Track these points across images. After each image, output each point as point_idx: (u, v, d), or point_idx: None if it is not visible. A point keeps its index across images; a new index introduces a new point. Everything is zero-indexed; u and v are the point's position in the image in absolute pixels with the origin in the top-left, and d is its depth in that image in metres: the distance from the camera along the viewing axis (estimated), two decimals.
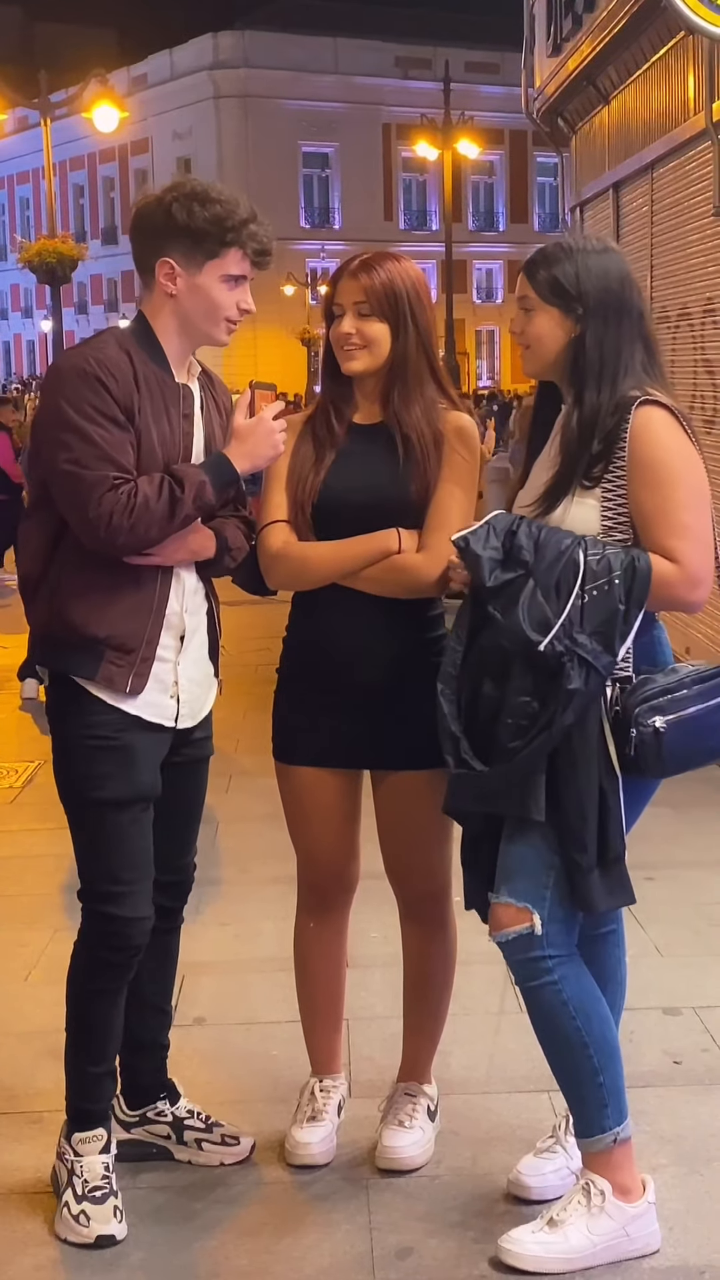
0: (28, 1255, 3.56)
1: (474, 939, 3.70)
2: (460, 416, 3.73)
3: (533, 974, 3.43)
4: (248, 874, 6.04)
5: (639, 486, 3.36)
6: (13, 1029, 4.71)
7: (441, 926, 3.94)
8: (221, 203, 3.51)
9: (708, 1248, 3.51)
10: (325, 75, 54.86)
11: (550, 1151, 3.76)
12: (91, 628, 3.51)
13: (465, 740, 3.39)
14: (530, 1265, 3.40)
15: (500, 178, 59.19)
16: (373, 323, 3.63)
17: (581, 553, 3.29)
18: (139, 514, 3.39)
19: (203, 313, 3.57)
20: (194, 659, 3.70)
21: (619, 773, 3.36)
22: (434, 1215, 3.67)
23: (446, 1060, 4.24)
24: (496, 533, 3.35)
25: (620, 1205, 3.46)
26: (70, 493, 3.43)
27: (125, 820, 3.60)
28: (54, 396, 3.48)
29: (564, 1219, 3.45)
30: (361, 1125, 4.00)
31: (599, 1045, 3.46)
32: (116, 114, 26.33)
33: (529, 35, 12.37)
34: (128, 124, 34.45)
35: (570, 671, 3.25)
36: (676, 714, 3.32)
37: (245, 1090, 4.29)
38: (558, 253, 3.48)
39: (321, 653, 3.75)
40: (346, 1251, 3.54)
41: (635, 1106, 3.84)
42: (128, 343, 3.55)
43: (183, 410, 3.60)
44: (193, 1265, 3.52)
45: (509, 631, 3.31)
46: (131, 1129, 3.95)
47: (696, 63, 8.34)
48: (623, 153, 10.40)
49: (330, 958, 4.00)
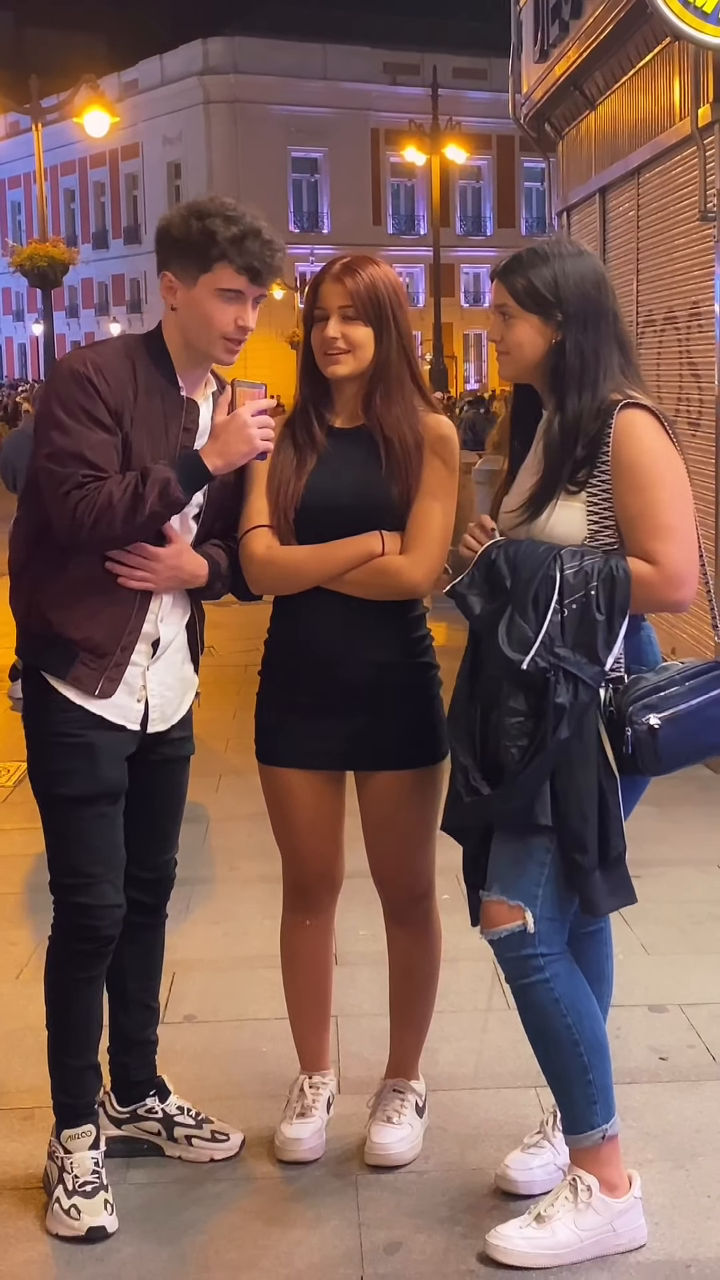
0: (19, 1251, 3.56)
1: (462, 937, 3.70)
2: (440, 420, 3.72)
3: (524, 972, 3.43)
4: (237, 872, 6.04)
5: (622, 489, 3.36)
6: (3, 1027, 4.71)
7: (426, 926, 3.95)
8: (220, 217, 3.46)
9: (693, 1242, 3.51)
10: (314, 81, 54.83)
11: (537, 1147, 3.76)
12: (67, 629, 3.52)
13: (475, 769, 3.39)
14: (517, 1260, 3.41)
15: (487, 182, 59.18)
16: (357, 326, 3.62)
17: (558, 568, 3.29)
18: (100, 511, 3.39)
19: (198, 327, 3.53)
20: (168, 665, 3.69)
21: (617, 773, 3.36)
22: (422, 1210, 3.67)
23: (434, 1057, 4.24)
24: (479, 569, 3.37)
25: (607, 1201, 3.47)
26: (45, 487, 3.46)
27: (90, 815, 3.60)
28: (49, 393, 3.51)
29: (551, 1214, 3.45)
30: (350, 1121, 4.00)
31: (589, 1043, 3.46)
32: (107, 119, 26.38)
33: (516, 41, 12.36)
34: (118, 129, 34.41)
35: (556, 686, 3.26)
36: (670, 711, 3.32)
37: (235, 1086, 4.29)
38: (534, 259, 3.46)
39: (303, 655, 3.75)
40: (335, 1246, 3.54)
41: (622, 1102, 3.85)
42: (135, 351, 3.55)
43: (184, 423, 3.57)
44: (182, 1259, 3.52)
45: (493, 656, 3.32)
46: (122, 1125, 3.95)
47: (682, 69, 8.34)
48: (609, 158, 10.41)
49: (317, 956, 4.00)
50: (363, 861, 3.91)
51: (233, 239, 3.46)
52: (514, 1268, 3.40)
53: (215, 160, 54.11)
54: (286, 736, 3.80)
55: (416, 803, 3.79)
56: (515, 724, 3.32)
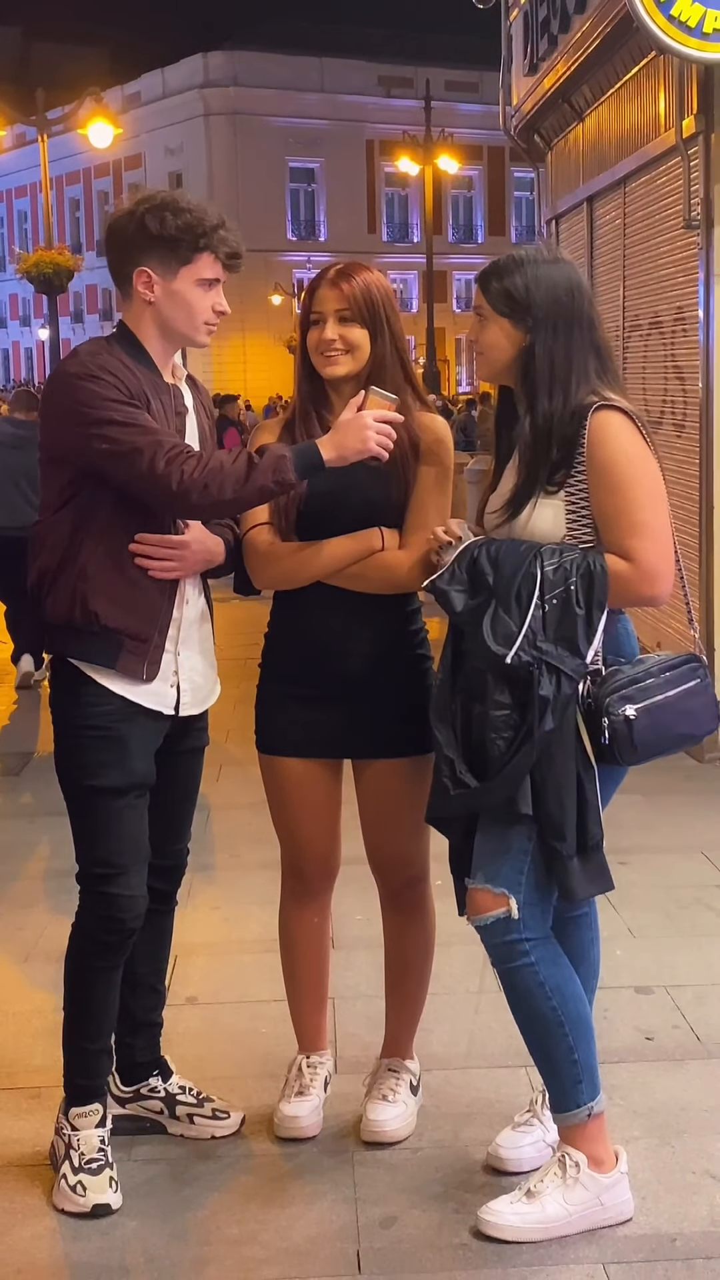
0: (26, 1226, 3.56)
1: (455, 922, 3.69)
2: (435, 420, 3.73)
3: (510, 956, 3.43)
4: (238, 859, 6.03)
5: (598, 489, 3.36)
6: (12, 1009, 4.70)
7: (421, 910, 3.94)
8: (191, 211, 3.52)
9: (678, 1216, 3.51)
10: (311, 93, 54.76)
11: (527, 1125, 3.76)
12: (112, 619, 3.51)
13: (461, 761, 3.38)
14: (509, 1235, 3.41)
15: (479, 192, 59.12)
16: (353, 328, 3.62)
17: (538, 564, 3.29)
18: (213, 472, 3.37)
19: (182, 317, 3.58)
20: (196, 648, 3.70)
21: (594, 762, 3.36)
22: (416, 1186, 3.66)
23: (428, 1037, 4.24)
24: (461, 565, 3.37)
25: (594, 1176, 3.47)
26: (128, 468, 3.40)
27: (121, 806, 3.59)
28: (66, 403, 3.47)
29: (541, 1190, 3.45)
30: (347, 1100, 4.00)
31: (574, 1024, 3.46)
32: (111, 130, 26.29)
33: (506, 55, 12.33)
34: (121, 140, 34.29)
35: (540, 679, 3.26)
36: (645, 702, 3.33)
37: (235, 1066, 4.28)
38: (509, 264, 3.47)
39: (302, 646, 3.75)
40: (332, 1221, 3.54)
41: (609, 1081, 3.85)
42: (114, 350, 3.56)
43: (175, 408, 3.62)
44: (185, 1234, 3.52)
45: (478, 650, 3.32)
46: (126, 1104, 3.94)
47: (667, 81, 8.32)
48: (596, 168, 10.39)
49: (314, 940, 4.00)
50: (359, 848, 3.91)
51: (213, 229, 3.52)
52: (505, 1241, 3.40)
53: (215, 170, 54.05)
54: (285, 726, 3.80)
55: (411, 790, 3.79)
56: (500, 716, 3.31)
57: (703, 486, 7.58)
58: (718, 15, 6.88)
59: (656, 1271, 3.31)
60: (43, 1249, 3.48)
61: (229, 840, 6.27)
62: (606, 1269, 3.32)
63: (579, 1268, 3.32)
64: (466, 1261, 3.37)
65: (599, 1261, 3.34)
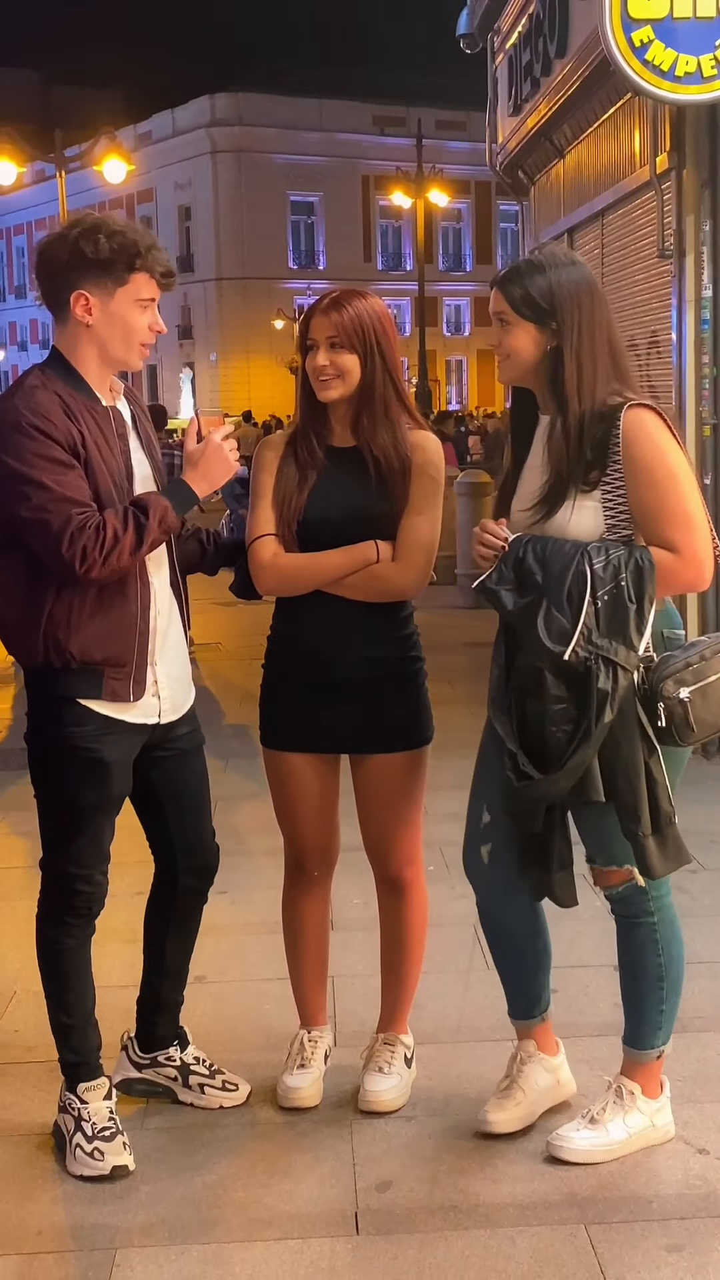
0: (45, 1190, 3.55)
1: (446, 904, 3.69)
2: (427, 437, 3.72)
3: (637, 914, 3.56)
4: (243, 846, 6.01)
5: (637, 485, 3.32)
6: (32, 987, 4.67)
7: (414, 894, 3.93)
8: (124, 232, 3.40)
9: (655, 1180, 3.52)
10: (311, 132, 54.72)
11: (507, 1093, 3.76)
12: (90, 653, 3.43)
13: (522, 754, 3.35)
14: (580, 1157, 3.55)
15: (467, 224, 59.06)
16: (344, 354, 3.60)
17: (587, 563, 3.25)
18: (109, 547, 3.30)
19: (119, 338, 3.46)
20: (171, 657, 3.64)
21: (657, 745, 3.32)
22: (410, 1153, 3.66)
23: (421, 1013, 4.23)
24: (507, 565, 3.32)
25: (648, 1101, 3.62)
26: (41, 537, 3.31)
27: (97, 820, 3.58)
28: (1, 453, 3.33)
29: (603, 1117, 3.59)
30: (345, 1072, 3.99)
31: (672, 981, 3.59)
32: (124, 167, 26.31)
33: (492, 96, 12.33)
34: (134, 176, 34.28)
35: (597, 673, 3.23)
36: (699, 684, 3.29)
37: (241, 1041, 4.27)
38: (530, 269, 3.40)
39: (303, 650, 3.74)
40: (332, 1185, 3.53)
41: (590, 1054, 3.86)
42: (51, 382, 3.41)
43: (116, 430, 3.50)
44: (195, 1198, 3.50)
45: (534, 648, 3.28)
46: (142, 1069, 3.94)
47: (642, 121, 8.32)
48: (576, 201, 10.38)
49: (315, 923, 3.99)
50: (357, 836, 3.90)
51: (147, 249, 3.41)
52: (575, 1164, 3.54)
53: (221, 204, 54.05)
54: (288, 723, 3.79)
55: (405, 782, 3.79)
56: (559, 710, 3.29)
57: None
58: (689, 60, 6.88)
59: (634, 1231, 3.31)
60: (60, 1212, 3.47)
61: (235, 829, 6.25)
62: (588, 1229, 3.31)
63: (562, 1228, 3.31)
64: (457, 1223, 3.36)
65: (580, 1222, 3.34)
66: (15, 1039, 4.38)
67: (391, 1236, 3.32)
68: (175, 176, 56.44)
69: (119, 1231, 3.38)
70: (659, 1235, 3.29)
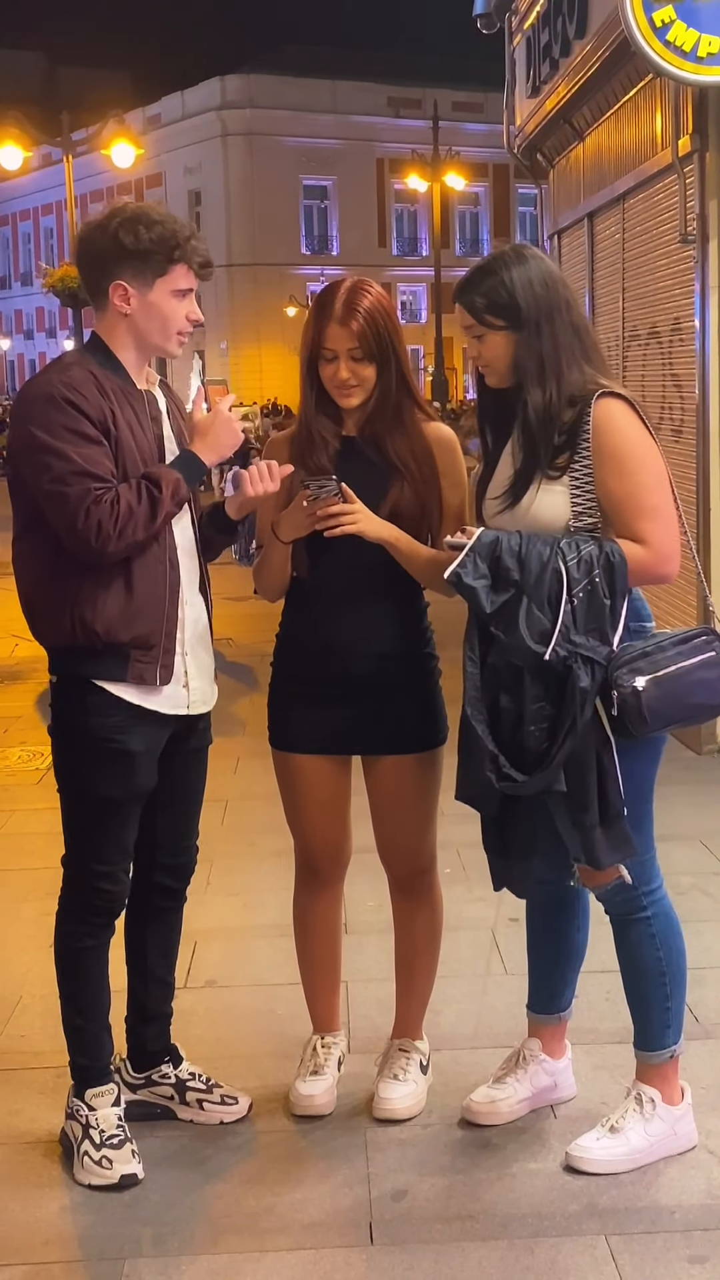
0: (53, 1199, 3.56)
1: (463, 907, 3.70)
2: (440, 428, 3.75)
3: (629, 911, 3.57)
4: (254, 848, 6.03)
5: (606, 475, 3.34)
6: (38, 992, 4.70)
7: (429, 897, 3.94)
8: (164, 223, 3.47)
9: (677, 1189, 3.51)
10: (324, 114, 54.62)
11: (501, 1083, 3.82)
12: (116, 633, 3.45)
13: (503, 757, 3.35)
14: (600, 1168, 3.55)
15: (484, 208, 58.98)
16: (365, 366, 3.63)
17: (561, 561, 3.27)
18: (124, 520, 3.34)
19: (157, 328, 3.53)
20: (200, 645, 3.66)
21: (611, 735, 3.33)
22: (426, 1161, 3.66)
23: (437, 1019, 4.23)
24: (481, 558, 3.31)
25: (669, 1108, 3.62)
26: (58, 510, 3.36)
27: (120, 814, 3.59)
28: (24, 424, 3.41)
29: (623, 1125, 3.59)
30: (359, 1079, 4.00)
31: (674, 975, 3.60)
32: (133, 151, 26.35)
33: (510, 78, 12.31)
34: (143, 160, 34.35)
35: (578, 671, 3.24)
36: (655, 674, 3.29)
37: (252, 1046, 4.28)
38: (482, 276, 3.44)
39: (312, 645, 3.75)
40: (346, 1194, 3.54)
41: (610, 1061, 3.86)
42: (88, 362, 3.49)
43: (150, 414, 3.56)
44: (205, 1207, 3.51)
45: (515, 648, 3.29)
46: (137, 1090, 3.93)
47: (663, 103, 8.30)
48: (596, 185, 10.36)
49: (327, 926, 4.00)
50: (370, 838, 3.91)
51: (185, 240, 3.48)
52: (595, 1174, 3.54)
53: (232, 188, 54.00)
54: (297, 723, 3.80)
55: (419, 783, 3.79)
56: (536, 709, 3.30)
57: (699, 490, 7.56)
58: (711, 40, 6.86)
59: (656, 1242, 3.31)
60: (69, 1220, 3.49)
61: (245, 830, 6.27)
62: (608, 1240, 3.31)
63: (581, 1239, 3.32)
64: (474, 1233, 3.36)
65: (600, 1233, 3.34)
66: (22, 1044, 4.39)
67: (406, 1247, 3.33)
68: (185, 160, 56.40)
69: (128, 1241, 3.39)
70: (681, 1246, 3.29)
